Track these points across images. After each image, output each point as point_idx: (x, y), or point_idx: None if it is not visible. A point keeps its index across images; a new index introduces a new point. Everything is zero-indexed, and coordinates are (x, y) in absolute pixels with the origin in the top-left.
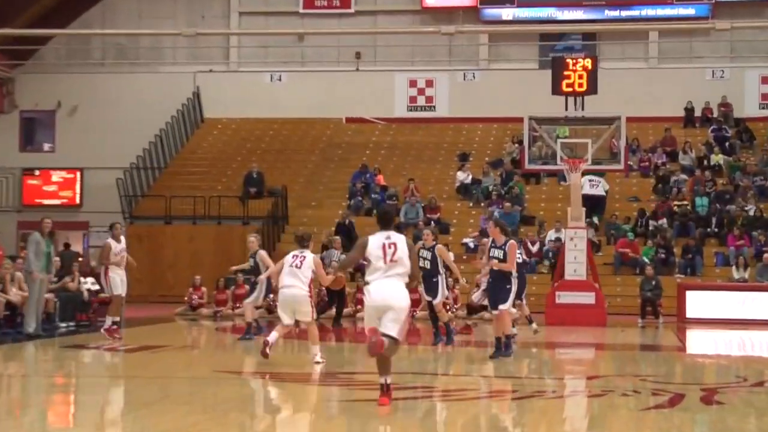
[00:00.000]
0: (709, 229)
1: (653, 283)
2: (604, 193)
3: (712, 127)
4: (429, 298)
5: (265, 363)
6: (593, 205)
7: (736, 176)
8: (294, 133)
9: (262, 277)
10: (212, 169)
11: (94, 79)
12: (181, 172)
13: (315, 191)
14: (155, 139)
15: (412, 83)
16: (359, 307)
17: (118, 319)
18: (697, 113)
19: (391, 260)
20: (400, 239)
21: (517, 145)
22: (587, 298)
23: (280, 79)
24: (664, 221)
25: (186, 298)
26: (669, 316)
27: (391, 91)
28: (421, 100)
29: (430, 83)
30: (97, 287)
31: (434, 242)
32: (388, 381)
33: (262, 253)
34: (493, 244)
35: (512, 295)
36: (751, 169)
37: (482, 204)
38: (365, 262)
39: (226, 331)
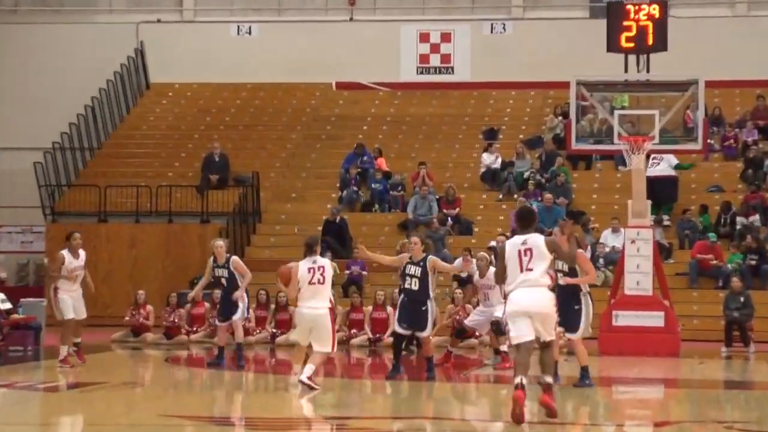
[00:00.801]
0: None
1: (742, 299)
2: (673, 173)
3: None
4: (412, 332)
5: (230, 405)
6: (658, 192)
7: None
8: (268, 103)
9: (241, 292)
10: (161, 150)
11: (5, 32)
12: (120, 155)
13: (296, 179)
14: (85, 111)
15: (424, 37)
16: (354, 331)
17: (78, 340)
18: None
19: (527, 269)
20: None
21: (560, 118)
22: (654, 319)
23: (249, 32)
24: (756, 218)
25: (126, 320)
26: (763, 343)
27: (396, 47)
28: (435, 60)
29: (446, 37)
30: (8, 306)
31: (425, 254)
32: (547, 380)
33: (237, 259)
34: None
35: (584, 318)
36: None
37: (515, 196)
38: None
39: (179, 362)
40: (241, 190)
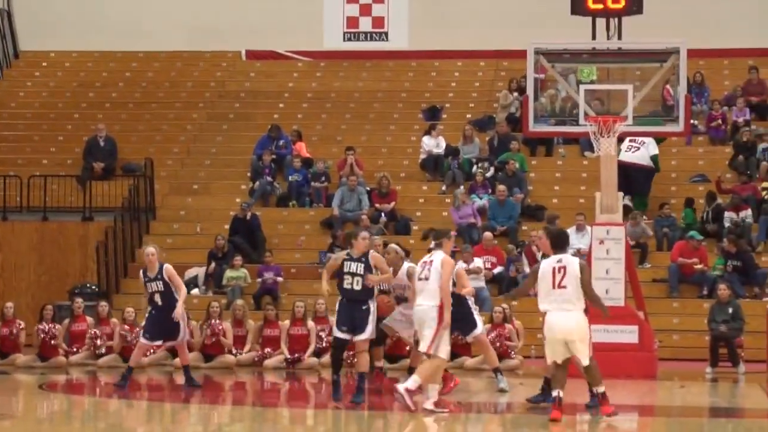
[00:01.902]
0: None
1: (730, 311)
2: (649, 163)
3: None
4: (350, 336)
5: None
6: (631, 183)
7: None
8: (164, 76)
9: (180, 310)
10: (33, 132)
11: None
12: None
13: (198, 168)
14: None
15: None
16: (268, 350)
17: None
18: None
19: (560, 286)
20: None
21: (516, 94)
22: (627, 334)
23: None
24: (747, 213)
25: None
26: (755, 362)
27: (319, 9)
28: (365, 24)
29: None
30: None
31: (367, 250)
32: (561, 394)
33: (170, 268)
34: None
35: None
36: None
37: (461, 186)
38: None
39: (55, 389)
40: (131, 181)
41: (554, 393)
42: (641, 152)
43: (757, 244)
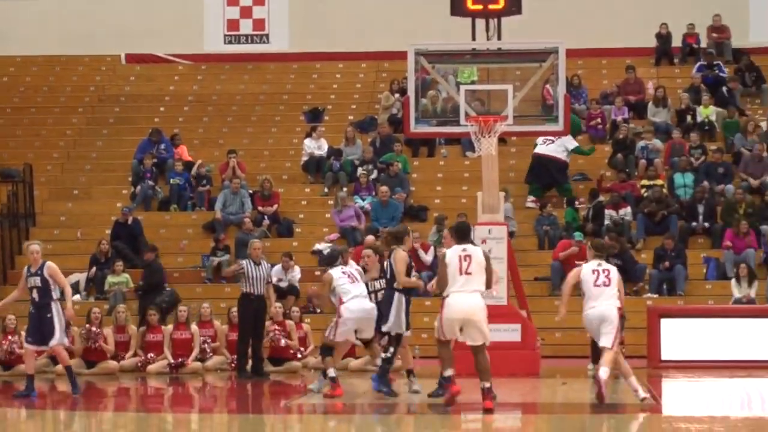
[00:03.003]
0: (695, 223)
1: None
2: (562, 156)
3: (698, 64)
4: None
5: None
6: (544, 173)
7: (736, 139)
8: (42, 80)
9: (71, 311)
10: None
11: None
12: None
13: (78, 173)
14: None
15: (232, 0)
16: (151, 355)
17: None
18: (676, 42)
19: (466, 272)
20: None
21: (397, 95)
22: (509, 333)
23: None
24: (627, 210)
25: None
26: (635, 357)
27: (199, 11)
28: (245, 27)
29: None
30: None
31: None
32: (487, 385)
33: (52, 265)
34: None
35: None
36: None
37: (344, 188)
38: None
39: None
40: (9, 186)
41: (446, 372)
42: (554, 145)
43: (637, 242)
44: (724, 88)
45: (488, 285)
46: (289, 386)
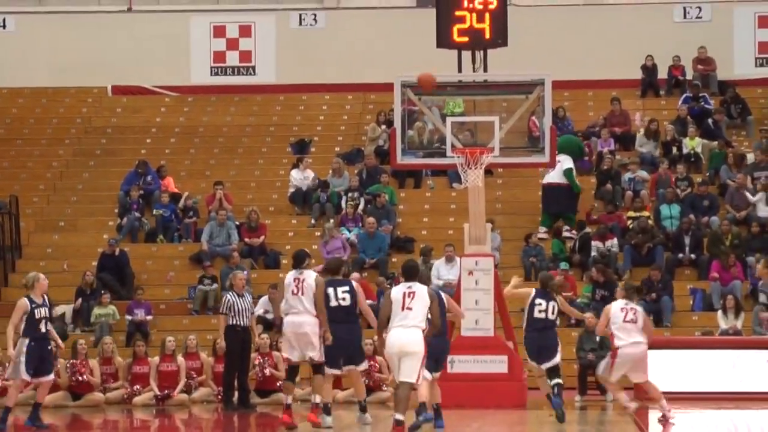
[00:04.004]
0: (681, 254)
1: (597, 339)
2: (563, 180)
3: (684, 96)
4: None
5: None
6: (552, 202)
7: (722, 171)
8: (29, 112)
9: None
10: None
11: None
12: None
13: (65, 204)
14: None
15: (219, 31)
16: (138, 387)
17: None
18: (662, 74)
19: (407, 308)
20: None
21: (384, 127)
22: (496, 364)
23: (3, 26)
24: (613, 242)
25: None
26: (623, 390)
27: (185, 44)
28: (232, 59)
29: (246, 31)
30: None
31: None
32: (397, 417)
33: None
34: None
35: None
36: (741, 162)
37: (331, 220)
38: None
39: None
40: None
41: (396, 415)
42: (556, 171)
43: (623, 273)
44: (710, 120)
45: (434, 323)
46: (276, 418)
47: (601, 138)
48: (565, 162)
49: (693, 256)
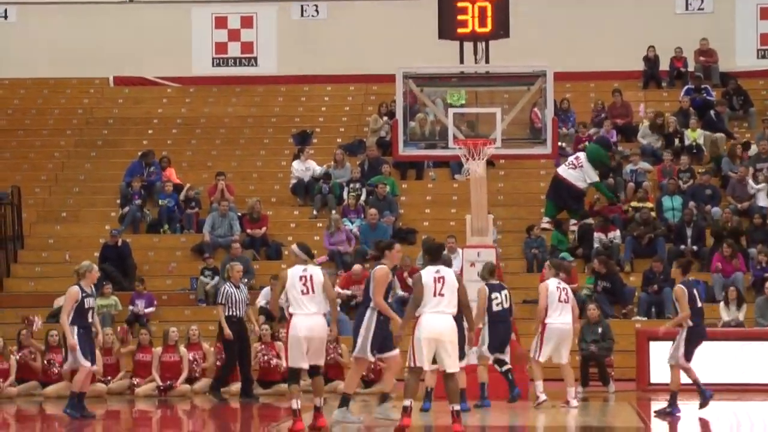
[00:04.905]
0: (683, 246)
1: (599, 330)
2: (582, 185)
3: (686, 87)
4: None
5: None
6: (564, 197)
7: (724, 162)
8: (30, 103)
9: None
10: None
11: None
12: None
13: (66, 195)
14: None
15: (220, 22)
16: (137, 380)
17: None
18: (664, 66)
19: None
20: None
21: (386, 118)
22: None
23: (5, 16)
24: (615, 234)
25: None
26: (624, 381)
27: (187, 34)
28: (234, 50)
29: (248, 22)
30: None
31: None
32: (456, 408)
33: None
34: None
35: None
36: (743, 153)
37: (333, 211)
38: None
39: None
40: None
41: (405, 402)
42: (577, 173)
43: (625, 264)
44: (712, 112)
45: (464, 305)
46: (278, 409)
47: (602, 128)
48: (590, 172)
49: (695, 247)
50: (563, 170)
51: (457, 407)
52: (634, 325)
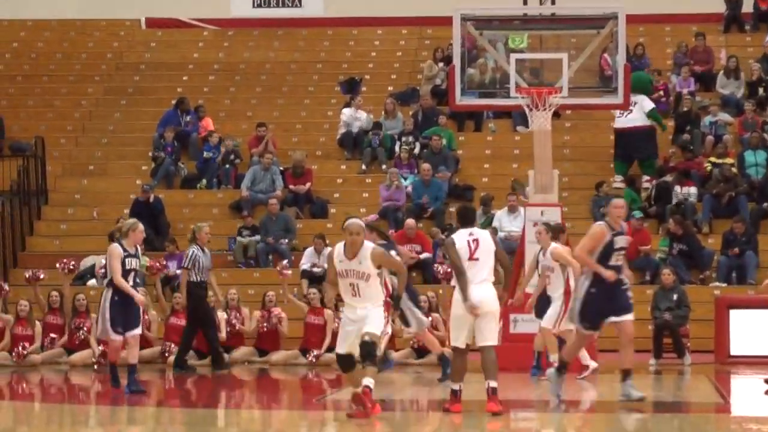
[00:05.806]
0: (767, 205)
1: (674, 297)
2: (646, 122)
3: None
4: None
5: None
6: (629, 147)
7: None
8: (56, 47)
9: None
10: None
11: None
12: None
13: (94, 147)
14: None
15: None
16: (171, 344)
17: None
18: (747, 7)
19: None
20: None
21: (442, 64)
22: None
23: None
24: (692, 190)
25: None
26: (702, 352)
27: None
28: None
29: None
30: None
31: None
32: (492, 385)
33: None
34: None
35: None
36: None
37: (383, 166)
38: None
39: None
40: (20, 161)
41: (454, 387)
42: (634, 113)
43: (702, 225)
44: None
45: (506, 268)
46: (319, 381)
47: (679, 76)
48: (644, 102)
49: None
50: (620, 121)
51: (493, 384)
52: (712, 292)
